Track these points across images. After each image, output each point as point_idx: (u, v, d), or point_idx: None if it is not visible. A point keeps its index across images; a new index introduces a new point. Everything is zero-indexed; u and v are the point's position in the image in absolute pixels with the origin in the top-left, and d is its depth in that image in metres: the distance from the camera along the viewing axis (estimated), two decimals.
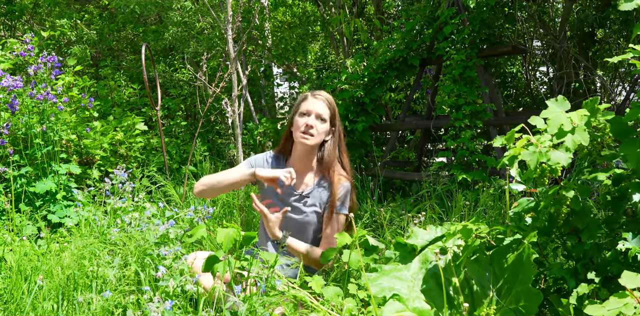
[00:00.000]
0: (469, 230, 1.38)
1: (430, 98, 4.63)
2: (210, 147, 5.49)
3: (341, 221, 1.97)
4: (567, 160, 1.26)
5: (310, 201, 1.98)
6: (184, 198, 3.36)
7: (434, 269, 1.43)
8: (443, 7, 4.20)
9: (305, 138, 1.92)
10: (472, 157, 3.71)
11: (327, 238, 1.96)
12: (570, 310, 1.27)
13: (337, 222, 1.96)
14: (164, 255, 1.67)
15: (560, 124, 1.29)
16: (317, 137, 1.93)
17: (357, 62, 5.02)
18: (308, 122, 1.91)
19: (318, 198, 1.98)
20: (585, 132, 1.28)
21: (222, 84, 3.44)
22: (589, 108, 1.34)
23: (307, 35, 7.51)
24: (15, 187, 2.87)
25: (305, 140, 1.92)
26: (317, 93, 1.97)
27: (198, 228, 1.56)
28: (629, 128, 1.32)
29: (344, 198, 1.97)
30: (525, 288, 1.27)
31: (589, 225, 1.39)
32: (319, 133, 1.93)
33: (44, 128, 2.99)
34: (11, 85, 2.91)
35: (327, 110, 1.95)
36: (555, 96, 4.37)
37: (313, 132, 1.91)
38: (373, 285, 1.42)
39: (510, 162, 1.34)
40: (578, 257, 1.40)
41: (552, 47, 4.78)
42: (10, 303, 1.82)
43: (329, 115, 1.95)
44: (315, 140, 1.93)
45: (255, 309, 1.41)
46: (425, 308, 1.36)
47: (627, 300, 1.10)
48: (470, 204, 2.95)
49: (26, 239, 2.39)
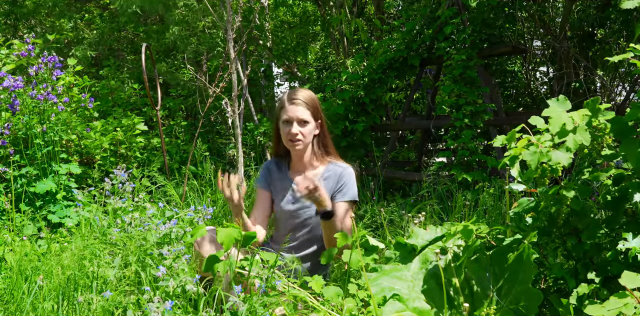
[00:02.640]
0: (470, 230, 1.39)
1: (431, 98, 4.63)
2: (211, 147, 5.49)
3: (351, 207, 1.99)
4: (568, 160, 1.26)
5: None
6: (184, 198, 3.36)
7: (434, 269, 1.43)
8: (443, 7, 4.20)
9: (295, 145, 1.95)
10: (472, 157, 3.71)
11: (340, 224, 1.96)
12: (570, 310, 1.27)
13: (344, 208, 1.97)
14: (165, 255, 1.67)
15: (562, 123, 1.29)
16: (305, 140, 1.96)
17: (358, 62, 5.02)
18: (292, 130, 1.92)
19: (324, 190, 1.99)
20: (586, 131, 1.28)
21: (222, 84, 3.44)
22: (590, 108, 1.34)
23: (307, 35, 7.51)
24: (16, 187, 2.87)
25: (295, 146, 1.95)
26: (294, 98, 1.95)
27: (199, 228, 1.56)
28: (629, 128, 1.32)
29: (352, 185, 1.99)
30: (526, 288, 1.27)
31: (589, 225, 1.39)
32: (306, 136, 1.95)
33: (45, 128, 2.99)
34: (12, 85, 2.91)
35: (308, 111, 1.94)
36: (555, 96, 4.36)
37: (300, 138, 1.94)
38: (373, 285, 1.42)
39: (511, 162, 1.34)
40: (578, 257, 1.40)
41: (552, 47, 4.78)
42: (10, 304, 1.82)
43: (311, 115, 1.95)
44: (305, 144, 1.97)
45: (255, 309, 1.41)
46: (425, 308, 1.36)
47: (627, 300, 1.10)
48: (470, 204, 2.95)
49: (26, 239, 2.39)
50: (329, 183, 1.99)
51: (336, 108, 4.54)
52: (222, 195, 1.87)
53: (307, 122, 1.94)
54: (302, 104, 1.94)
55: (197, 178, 3.90)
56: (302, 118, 1.93)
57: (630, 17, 4.26)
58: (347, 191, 1.97)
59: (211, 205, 3.24)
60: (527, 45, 4.88)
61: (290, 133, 1.92)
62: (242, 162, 3.64)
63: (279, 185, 2.07)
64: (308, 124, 1.94)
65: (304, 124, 1.94)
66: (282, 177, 2.07)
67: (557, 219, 1.40)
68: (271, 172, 2.09)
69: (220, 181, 1.82)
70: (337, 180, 1.98)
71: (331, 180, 1.99)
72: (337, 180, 1.98)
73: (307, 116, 1.94)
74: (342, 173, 1.99)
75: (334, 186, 1.98)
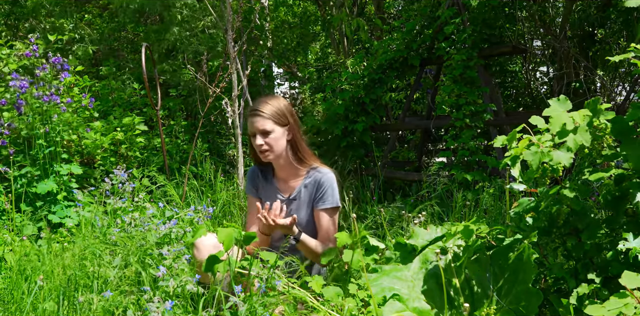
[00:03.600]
0: (471, 230, 1.39)
1: (431, 98, 4.63)
2: (211, 147, 5.49)
3: (334, 213, 1.98)
4: (569, 160, 1.26)
5: (297, 203, 1.99)
6: (184, 198, 3.36)
7: (435, 269, 1.43)
8: (443, 7, 4.20)
9: (265, 156, 1.94)
10: (472, 157, 3.71)
11: (322, 233, 1.96)
12: (570, 310, 1.27)
13: (326, 214, 1.96)
14: (165, 255, 1.67)
15: (563, 123, 1.29)
16: (274, 149, 1.93)
17: (358, 62, 5.02)
18: (256, 142, 1.91)
19: (305, 197, 1.99)
20: (587, 132, 1.28)
21: (222, 84, 3.44)
22: (590, 108, 1.34)
23: (307, 35, 7.51)
24: (16, 187, 2.87)
25: (266, 157, 1.94)
26: (252, 109, 1.93)
27: (199, 228, 1.56)
28: (630, 128, 1.32)
29: (332, 191, 1.96)
30: (526, 288, 1.27)
31: (589, 225, 1.39)
32: (272, 145, 1.92)
33: (47, 129, 3.00)
34: (18, 85, 2.93)
35: (268, 120, 1.90)
36: (555, 96, 4.36)
37: (266, 148, 1.92)
38: (373, 285, 1.42)
39: (513, 162, 1.34)
40: (578, 257, 1.40)
41: (553, 47, 4.78)
42: (10, 304, 1.82)
43: (274, 122, 1.91)
44: (275, 153, 1.94)
45: (255, 309, 1.41)
46: (425, 308, 1.36)
47: (627, 300, 1.10)
48: (470, 204, 2.95)
49: (26, 239, 2.39)
50: (309, 190, 1.98)
51: (336, 108, 4.54)
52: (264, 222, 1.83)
53: (268, 132, 1.91)
54: (261, 114, 1.90)
55: (197, 178, 3.90)
56: (262, 129, 1.90)
57: (631, 17, 4.26)
58: (327, 198, 1.95)
59: (211, 205, 3.24)
60: (527, 45, 4.88)
61: (256, 145, 1.92)
62: (242, 162, 3.64)
63: (265, 193, 2.06)
64: (271, 133, 1.91)
65: (267, 134, 1.91)
66: (268, 185, 2.07)
67: (557, 219, 1.40)
68: (258, 179, 2.09)
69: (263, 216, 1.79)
70: (317, 187, 1.96)
71: (310, 187, 1.98)
72: (316, 187, 1.97)
73: (269, 125, 1.90)
74: (322, 179, 1.96)
75: (314, 193, 1.97)
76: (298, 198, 1.99)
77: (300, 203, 1.99)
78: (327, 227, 1.96)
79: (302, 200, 1.99)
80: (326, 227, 1.95)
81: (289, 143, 1.97)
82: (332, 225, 1.96)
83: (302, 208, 1.99)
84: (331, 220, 1.96)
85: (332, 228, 1.96)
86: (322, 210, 1.95)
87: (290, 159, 1.98)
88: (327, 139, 4.66)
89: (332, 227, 1.96)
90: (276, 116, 1.92)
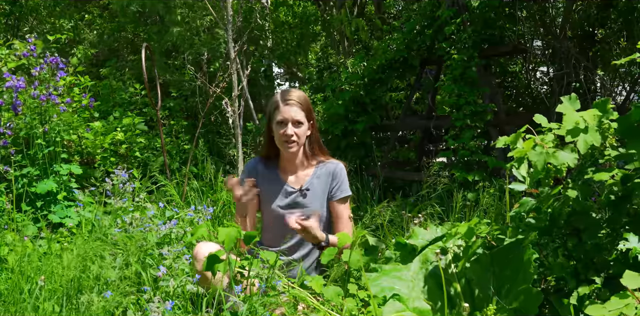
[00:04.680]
0: (472, 230, 1.39)
1: (431, 98, 4.63)
2: (211, 147, 5.49)
3: (347, 202, 2.02)
4: (574, 160, 1.26)
5: (311, 193, 1.99)
6: (184, 198, 3.36)
7: (435, 269, 1.43)
8: (443, 7, 4.20)
9: (290, 147, 1.92)
10: (472, 157, 3.70)
11: (344, 222, 1.99)
12: (571, 310, 1.27)
13: (345, 204, 2.00)
14: (165, 255, 1.67)
15: (576, 121, 1.29)
16: (300, 141, 1.94)
17: (358, 62, 5.02)
18: (287, 131, 1.89)
19: (319, 188, 1.99)
20: (596, 132, 1.28)
21: (222, 84, 3.44)
22: (600, 108, 1.34)
23: (307, 35, 7.51)
24: (17, 187, 2.87)
25: (290, 148, 1.93)
26: (288, 98, 1.92)
27: (199, 228, 1.56)
28: (635, 128, 1.32)
29: (346, 180, 2.01)
30: (526, 288, 1.27)
31: (590, 225, 1.39)
32: (300, 137, 1.93)
33: (46, 129, 2.99)
34: (14, 85, 2.92)
35: (302, 112, 1.91)
36: (555, 96, 4.37)
37: (295, 139, 1.91)
38: (373, 285, 1.42)
39: (518, 163, 1.34)
40: (579, 257, 1.40)
41: (553, 47, 4.78)
42: (11, 304, 1.81)
43: (305, 115, 1.93)
44: (299, 145, 1.95)
45: (255, 309, 1.41)
46: (425, 308, 1.36)
47: (628, 300, 1.10)
48: (470, 204, 2.94)
49: (27, 239, 2.39)
50: (322, 181, 1.99)
51: (336, 108, 4.53)
52: (229, 194, 1.88)
53: (301, 123, 1.91)
54: (297, 105, 1.90)
55: (197, 178, 3.89)
56: (297, 119, 1.90)
57: (631, 17, 4.26)
58: (345, 187, 2.00)
59: (211, 205, 3.24)
60: (528, 45, 4.87)
61: (286, 135, 1.89)
62: (242, 162, 3.64)
63: (268, 186, 2.03)
64: (302, 125, 1.92)
65: (299, 125, 1.91)
66: (272, 178, 2.04)
67: (558, 219, 1.40)
68: (257, 171, 2.05)
69: (227, 183, 1.83)
70: (333, 177, 1.99)
71: (325, 178, 1.99)
72: (332, 177, 1.99)
73: (302, 117, 1.91)
74: (336, 169, 2.00)
75: (330, 183, 1.99)
76: (312, 188, 1.99)
77: (314, 193, 1.99)
78: (347, 215, 1.99)
79: (315, 190, 1.99)
80: (346, 215, 1.99)
81: (308, 139, 1.99)
82: (349, 213, 2.01)
83: (317, 199, 1.99)
84: (348, 208, 2.01)
85: (350, 217, 1.99)
86: (341, 199, 1.99)
87: (306, 153, 2.00)
88: (327, 139, 4.66)
89: (349, 216, 2.00)
90: (308, 110, 1.94)
